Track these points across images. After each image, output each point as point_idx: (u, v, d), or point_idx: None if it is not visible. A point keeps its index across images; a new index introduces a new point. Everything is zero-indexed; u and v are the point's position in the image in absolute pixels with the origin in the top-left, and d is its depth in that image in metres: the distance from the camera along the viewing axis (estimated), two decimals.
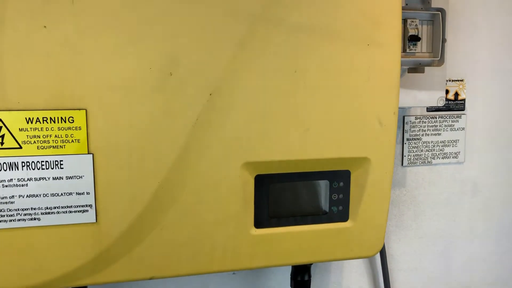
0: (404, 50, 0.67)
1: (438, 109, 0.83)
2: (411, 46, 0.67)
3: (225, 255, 0.56)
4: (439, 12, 0.67)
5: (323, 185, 0.59)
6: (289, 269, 0.71)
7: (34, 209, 0.50)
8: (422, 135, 0.83)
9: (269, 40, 0.52)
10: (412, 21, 0.66)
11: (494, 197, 0.88)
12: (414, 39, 0.66)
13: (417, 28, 0.66)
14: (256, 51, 0.52)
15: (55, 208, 0.50)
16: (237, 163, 0.54)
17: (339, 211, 0.59)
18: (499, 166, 0.88)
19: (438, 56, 0.68)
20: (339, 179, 0.59)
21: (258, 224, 0.57)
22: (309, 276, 0.69)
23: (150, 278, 0.55)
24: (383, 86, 0.57)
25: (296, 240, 0.58)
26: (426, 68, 0.70)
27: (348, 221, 0.60)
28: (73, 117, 0.49)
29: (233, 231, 0.55)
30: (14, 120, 0.47)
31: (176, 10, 0.50)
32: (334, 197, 0.59)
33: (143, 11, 0.49)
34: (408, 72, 0.70)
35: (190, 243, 0.55)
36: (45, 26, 0.47)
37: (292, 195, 0.59)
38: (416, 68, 0.70)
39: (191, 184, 0.53)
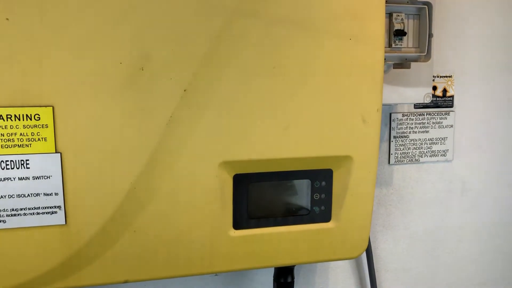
0: (389, 45, 0.65)
1: (425, 106, 0.81)
2: (397, 41, 0.65)
3: (203, 257, 0.54)
4: (426, 6, 0.65)
5: (304, 185, 0.57)
6: (273, 270, 0.69)
7: None
8: (410, 132, 0.81)
9: (246, 34, 0.50)
10: (398, 15, 0.64)
11: (482, 196, 0.87)
12: (400, 33, 0.64)
13: (403, 23, 0.64)
14: (233, 45, 0.50)
15: (21, 209, 0.48)
16: (215, 162, 0.52)
17: (321, 211, 0.58)
18: (488, 164, 0.86)
19: (424, 51, 0.66)
20: (321, 178, 0.57)
21: (237, 225, 0.55)
22: (292, 278, 0.68)
23: (124, 282, 0.53)
24: (366, 82, 0.55)
25: (277, 242, 0.56)
26: (412, 64, 0.68)
27: (331, 221, 0.58)
28: (39, 114, 0.46)
29: (210, 233, 0.54)
30: None
31: (148, 2, 0.48)
32: (316, 197, 0.57)
33: (113, 2, 0.47)
34: (394, 68, 0.68)
35: (166, 246, 0.53)
36: (7, 19, 0.44)
37: (272, 195, 0.57)
38: (402, 64, 0.68)
39: (166, 184, 0.51)
